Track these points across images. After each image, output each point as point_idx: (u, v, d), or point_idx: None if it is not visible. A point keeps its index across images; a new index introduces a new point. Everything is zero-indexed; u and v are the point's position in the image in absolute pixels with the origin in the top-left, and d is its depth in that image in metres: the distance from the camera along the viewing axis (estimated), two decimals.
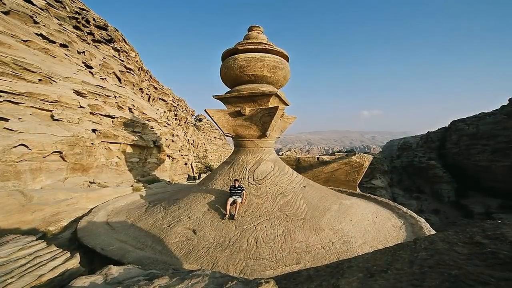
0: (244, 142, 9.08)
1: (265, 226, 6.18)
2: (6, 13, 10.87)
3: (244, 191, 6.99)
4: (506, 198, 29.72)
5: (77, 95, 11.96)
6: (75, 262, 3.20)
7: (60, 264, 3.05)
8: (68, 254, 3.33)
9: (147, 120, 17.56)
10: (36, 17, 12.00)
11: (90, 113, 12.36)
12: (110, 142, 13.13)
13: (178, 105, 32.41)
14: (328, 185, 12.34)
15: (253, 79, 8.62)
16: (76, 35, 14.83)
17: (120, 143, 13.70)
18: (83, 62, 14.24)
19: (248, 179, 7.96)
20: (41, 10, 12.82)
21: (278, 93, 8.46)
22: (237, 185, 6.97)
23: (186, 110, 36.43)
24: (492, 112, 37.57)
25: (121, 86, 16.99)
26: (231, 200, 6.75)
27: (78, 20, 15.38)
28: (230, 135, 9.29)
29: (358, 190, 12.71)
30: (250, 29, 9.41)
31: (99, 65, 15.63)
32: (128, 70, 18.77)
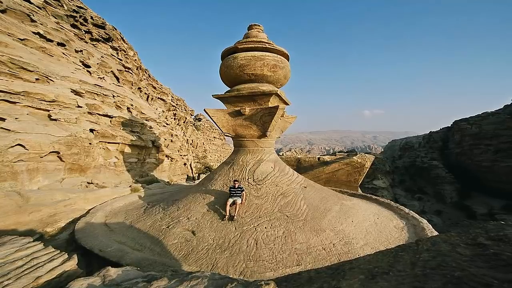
0: (244, 142, 9.04)
1: (265, 227, 6.14)
2: (3, 11, 10.77)
3: (244, 192, 6.95)
4: (509, 198, 29.48)
5: (75, 94, 11.88)
6: (72, 264, 3.16)
7: (58, 266, 3.02)
8: (66, 256, 3.29)
9: (146, 120, 17.48)
10: (33, 16, 11.90)
11: (88, 112, 12.27)
12: (108, 142, 13.05)
13: (177, 104, 32.31)
14: (329, 186, 12.32)
15: (253, 78, 8.58)
16: (74, 33, 14.72)
17: (118, 143, 13.62)
18: (80, 61, 14.14)
19: (248, 179, 7.93)
20: (38, 9, 12.72)
21: (278, 92, 8.42)
22: (236, 186, 6.93)
23: (185, 110, 36.31)
24: (495, 111, 37.49)
25: (119, 86, 16.89)
26: (230, 200, 6.71)
27: (76, 18, 15.28)
28: (230, 135, 9.25)
29: (360, 191, 12.67)
30: (250, 28, 9.37)
31: (97, 64, 15.52)
32: (127, 69, 18.65)
